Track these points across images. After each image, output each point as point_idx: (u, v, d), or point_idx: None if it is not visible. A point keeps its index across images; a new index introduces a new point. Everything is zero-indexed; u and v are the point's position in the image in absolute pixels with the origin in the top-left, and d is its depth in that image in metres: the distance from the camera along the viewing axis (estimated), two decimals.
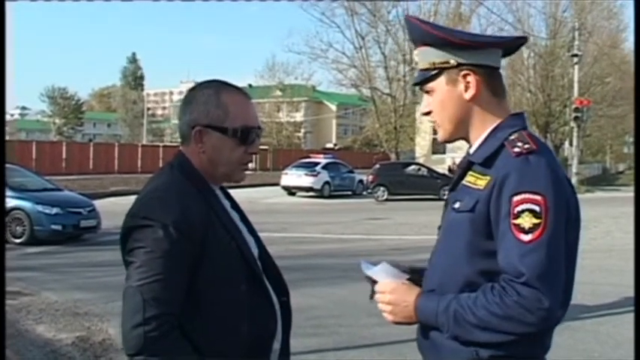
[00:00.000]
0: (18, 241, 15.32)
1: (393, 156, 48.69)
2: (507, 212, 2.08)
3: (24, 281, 10.70)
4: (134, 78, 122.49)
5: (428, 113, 2.40)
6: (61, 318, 8.79)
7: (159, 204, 2.22)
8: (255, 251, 2.48)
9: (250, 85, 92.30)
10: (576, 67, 49.14)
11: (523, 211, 2.06)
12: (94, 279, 11.50)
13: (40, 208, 15.80)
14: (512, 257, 2.05)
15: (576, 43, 49.21)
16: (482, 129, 2.31)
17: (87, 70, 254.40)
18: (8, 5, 4.36)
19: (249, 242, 2.46)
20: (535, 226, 2.04)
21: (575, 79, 49.04)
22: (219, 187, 2.53)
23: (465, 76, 2.28)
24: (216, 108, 2.38)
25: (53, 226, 15.79)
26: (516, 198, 2.07)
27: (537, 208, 2.05)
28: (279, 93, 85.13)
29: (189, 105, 2.42)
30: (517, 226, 2.06)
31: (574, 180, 46.54)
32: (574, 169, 47.78)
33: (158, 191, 2.28)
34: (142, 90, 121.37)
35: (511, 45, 2.41)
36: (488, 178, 2.17)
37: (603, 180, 63.99)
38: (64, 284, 11.13)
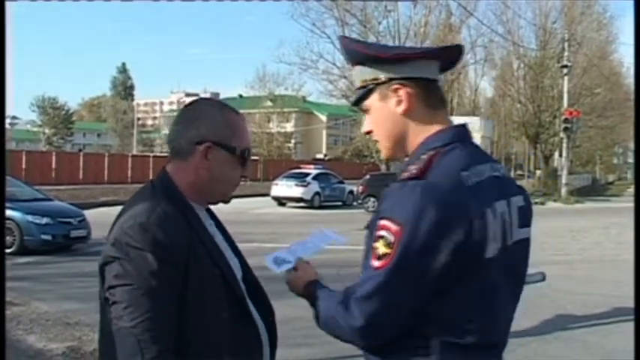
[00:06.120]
0: (8, 251, 15.15)
1: (383, 167, 48.72)
2: (373, 233, 2.07)
3: (14, 291, 10.64)
4: (124, 88, 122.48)
5: (369, 132, 2.37)
6: (51, 328, 8.76)
7: (140, 231, 2.14)
8: (239, 273, 2.44)
9: (241, 96, 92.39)
10: (566, 78, 49.47)
11: (381, 237, 2.02)
12: (84, 289, 11.44)
13: (30, 218, 15.73)
14: (362, 275, 2.08)
15: (566, 54, 49.59)
16: (415, 144, 2.26)
17: (77, 80, 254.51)
18: (8, 6, 4.35)
19: (234, 265, 2.42)
20: (384, 255, 2.00)
21: (565, 90, 49.36)
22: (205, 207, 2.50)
23: (395, 90, 2.23)
24: (225, 127, 2.37)
25: (43, 236, 15.71)
26: (380, 222, 2.03)
27: (391, 238, 1.99)
28: (269, 103, 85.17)
29: (196, 120, 2.37)
30: (375, 249, 2.04)
31: (563, 190, 46.76)
32: (564, 180, 48.03)
33: (139, 217, 2.18)
34: (132, 100, 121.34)
35: (442, 55, 2.32)
36: None
37: (593, 191, 64.18)
38: (55, 294, 11.12)
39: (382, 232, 2.01)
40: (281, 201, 35.69)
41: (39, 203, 17.04)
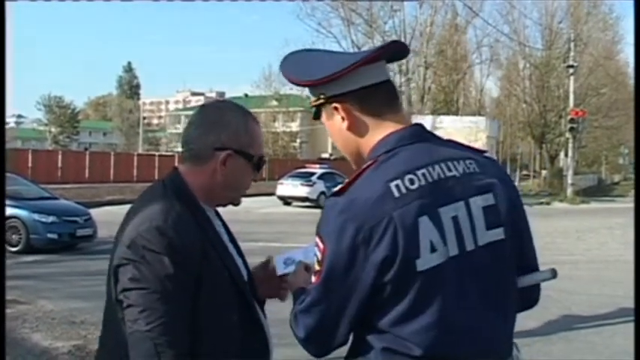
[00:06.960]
0: (14, 249, 15.26)
1: None
2: None
3: (20, 290, 10.68)
4: (130, 87, 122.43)
5: None
6: (57, 326, 8.79)
7: (157, 235, 2.11)
8: (244, 274, 2.43)
9: (246, 95, 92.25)
10: (572, 78, 49.40)
11: (315, 254, 2.04)
12: (90, 288, 11.45)
13: (36, 216, 15.76)
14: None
15: (572, 54, 49.55)
16: (367, 153, 2.21)
17: (83, 78, 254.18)
18: (8, 5, 4.37)
19: (239, 266, 2.40)
20: (317, 272, 2.03)
21: (571, 90, 49.30)
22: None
23: (335, 108, 2.19)
24: (245, 134, 2.34)
25: (49, 235, 15.74)
26: (315, 238, 2.04)
27: (319, 255, 2.01)
28: (275, 103, 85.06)
29: (217, 125, 2.34)
30: (313, 265, 2.08)
31: (569, 191, 46.69)
32: (569, 180, 47.93)
33: (155, 220, 2.15)
34: (138, 99, 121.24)
35: (380, 56, 2.19)
36: None
37: (599, 191, 63.97)
38: (60, 293, 11.13)
39: (315, 249, 2.04)
40: (286, 200, 35.70)
41: (45, 202, 17.08)
